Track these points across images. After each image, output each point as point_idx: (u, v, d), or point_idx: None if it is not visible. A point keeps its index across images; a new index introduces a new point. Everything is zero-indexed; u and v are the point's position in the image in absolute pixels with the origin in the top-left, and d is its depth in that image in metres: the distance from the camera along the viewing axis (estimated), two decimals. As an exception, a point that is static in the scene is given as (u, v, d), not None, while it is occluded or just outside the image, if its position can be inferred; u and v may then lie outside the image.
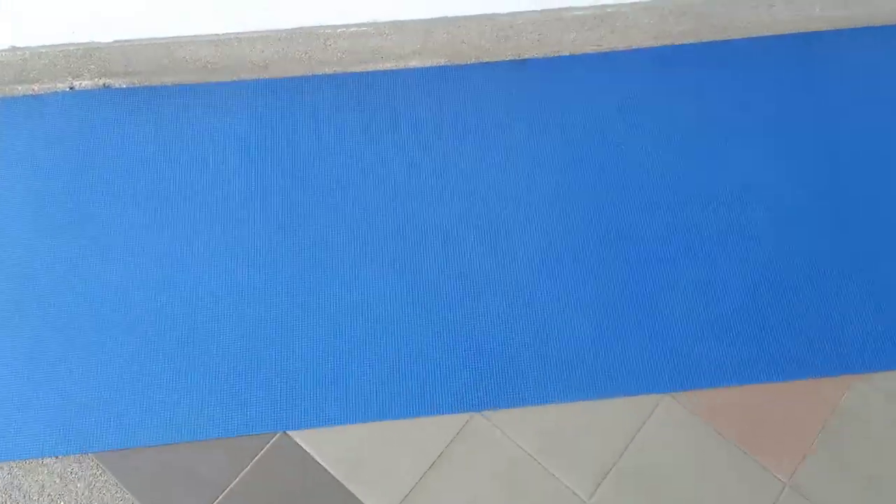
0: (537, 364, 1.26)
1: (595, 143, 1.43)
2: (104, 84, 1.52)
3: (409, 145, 1.44)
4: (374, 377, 1.25)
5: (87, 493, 1.20)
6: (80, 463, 1.22)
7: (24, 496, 1.19)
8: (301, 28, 1.47)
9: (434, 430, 1.23)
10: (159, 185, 1.41)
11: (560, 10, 1.46)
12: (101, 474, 1.21)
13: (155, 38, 1.46)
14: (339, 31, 1.47)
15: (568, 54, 1.52)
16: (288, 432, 1.23)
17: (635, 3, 1.45)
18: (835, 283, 1.31)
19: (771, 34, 1.51)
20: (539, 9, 1.45)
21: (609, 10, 1.46)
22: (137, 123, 1.47)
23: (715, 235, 1.35)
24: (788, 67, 1.50)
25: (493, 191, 1.40)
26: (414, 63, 1.52)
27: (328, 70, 1.52)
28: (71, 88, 1.53)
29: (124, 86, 1.52)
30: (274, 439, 1.23)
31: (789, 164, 1.41)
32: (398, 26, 1.47)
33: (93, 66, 1.51)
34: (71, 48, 1.46)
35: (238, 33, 1.46)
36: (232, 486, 1.19)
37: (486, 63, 1.52)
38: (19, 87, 1.52)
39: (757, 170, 1.40)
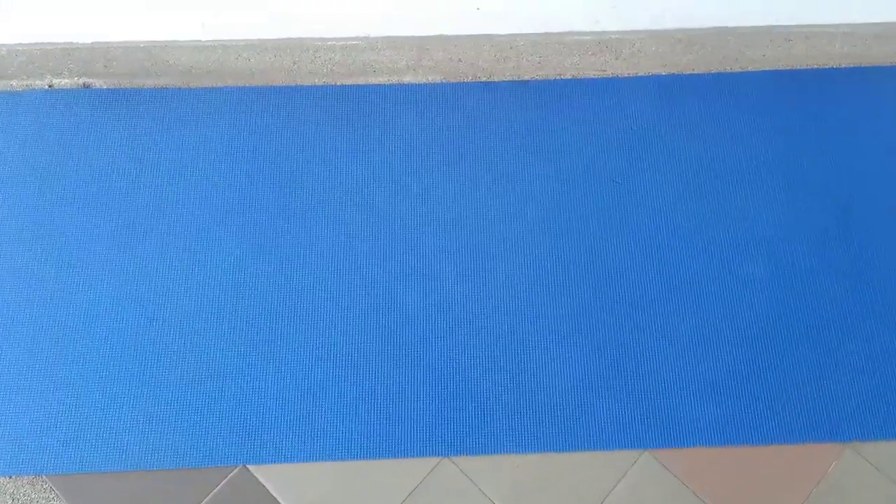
0: (514, 410, 1.21)
1: (592, 177, 1.36)
2: (84, 84, 1.47)
3: (397, 165, 1.38)
4: (341, 414, 1.20)
5: (38, 517, 1.17)
6: (34, 486, 1.18)
7: (-28, 518, 1.16)
8: (289, 39, 1.40)
9: (400, 473, 1.17)
10: (134, 195, 1.35)
11: (561, 34, 1.38)
12: (54, 498, 1.17)
13: (136, 42, 1.40)
14: (329, 43, 1.40)
15: (571, 77, 1.44)
16: (248, 466, 1.19)
17: (641, 31, 1.37)
18: (833, 344, 1.24)
19: (785, 68, 1.43)
20: (540, 32, 1.38)
21: (613, 36, 1.38)
22: (116, 127, 1.41)
23: (711, 285, 1.28)
24: (802, 105, 1.41)
25: (479, 221, 1.33)
26: (408, 79, 1.45)
27: (317, 81, 1.45)
28: (50, 86, 1.47)
29: (105, 86, 1.46)
30: (233, 473, 1.18)
31: (796, 212, 1.33)
32: (391, 42, 1.40)
33: (73, 66, 1.45)
34: (49, 47, 1.40)
35: (223, 41, 1.40)
36: (186, 522, 1.15)
37: (485, 83, 1.44)
38: (-3, 82, 1.47)
39: (760, 217, 1.33)
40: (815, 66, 1.42)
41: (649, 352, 1.24)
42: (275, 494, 1.17)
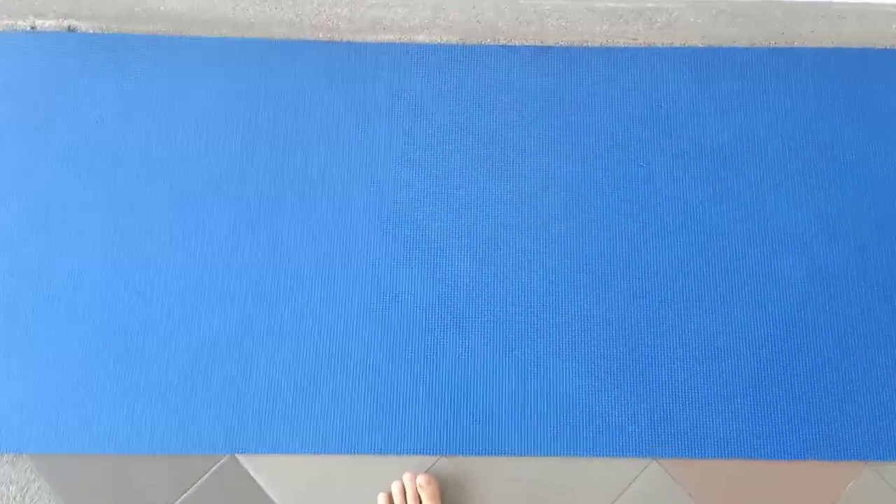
0: (518, 412, 1.14)
1: (614, 158, 1.25)
2: (69, 27, 1.34)
3: (403, 136, 1.27)
4: (335, 406, 1.14)
5: (19, 497, 1.12)
6: (14, 465, 1.14)
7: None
8: (292, -11, 1.27)
9: (395, 470, 1.12)
10: (122, 156, 1.25)
11: (592, -1, 1.25)
12: (34, 479, 1.13)
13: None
14: (335, -4, 1.27)
15: (598, 45, 1.31)
16: (237, 456, 1.14)
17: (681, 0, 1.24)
18: (861, 357, 1.16)
19: (834, 46, 1.29)
20: (568, -5, 1.25)
21: (649, 3, 1.25)
22: (103, 77, 1.30)
23: (733, 286, 1.19)
24: (851, 87, 1.28)
25: (491, 205, 1.23)
26: (421, 38, 1.33)
27: (322, 36, 1.33)
28: (32, 28, 1.35)
29: (91, 30, 1.34)
30: (221, 462, 1.13)
31: (837, 209, 1.22)
32: (404, -2, 1.27)
33: (57, 6, 1.32)
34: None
35: (218, -11, 1.27)
36: (170, 512, 1.11)
37: (503, 46, 1.32)
38: (-26, 21, 1.35)
39: (793, 212, 1.22)
40: (868, 46, 1.29)
41: (664, 356, 1.16)
42: (263, 485, 1.12)
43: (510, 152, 1.26)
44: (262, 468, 1.13)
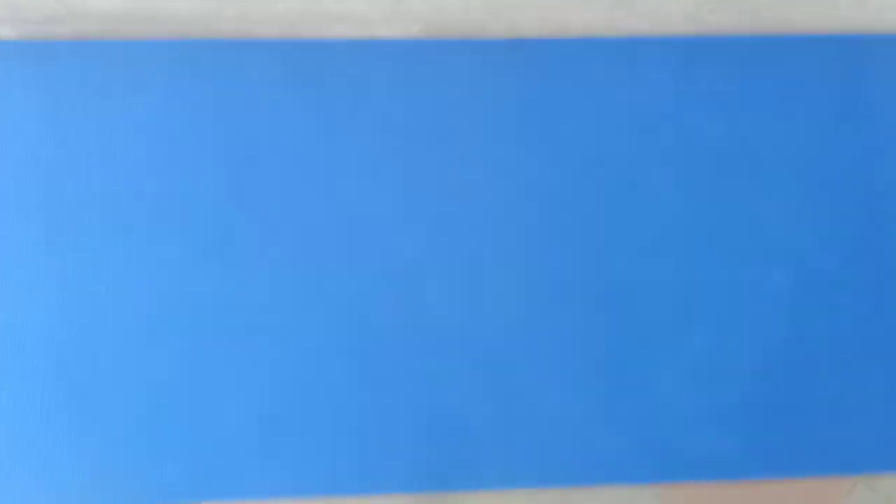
0: (503, 441, 1.09)
1: (597, 162, 1.16)
2: (-17, 31, 1.19)
3: (369, 145, 1.16)
4: (308, 444, 1.08)
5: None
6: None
7: None
8: (234, -17, 1.14)
9: (375, 511, 1.07)
10: (52, 178, 1.13)
11: (568, -12, 1.14)
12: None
13: (42, -16, 1.13)
14: (283, -11, 1.14)
15: (576, 36, 1.20)
16: (205, 504, 1.07)
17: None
18: (859, 368, 1.12)
19: (834, 32, 1.20)
20: (541, -17, 1.13)
21: (632, -9, 1.14)
22: (29, 91, 1.15)
23: (728, 298, 1.13)
24: (855, 79, 1.19)
25: (467, 215, 1.15)
26: (382, 32, 1.20)
27: (271, 32, 1.20)
28: (-59, 33, 1.20)
29: (12, 37, 1.19)
30: (189, 512, 1.07)
31: (835, 215, 1.15)
32: (361, -11, 1.15)
33: (-34, 9, 1.17)
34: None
35: (150, -14, 1.13)
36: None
37: (473, 41, 1.20)
38: None
39: (791, 217, 1.15)
40: (869, 33, 1.19)
41: (655, 375, 1.11)
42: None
43: (485, 159, 1.16)
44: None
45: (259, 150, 1.15)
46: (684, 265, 1.12)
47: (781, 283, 1.12)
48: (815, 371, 1.09)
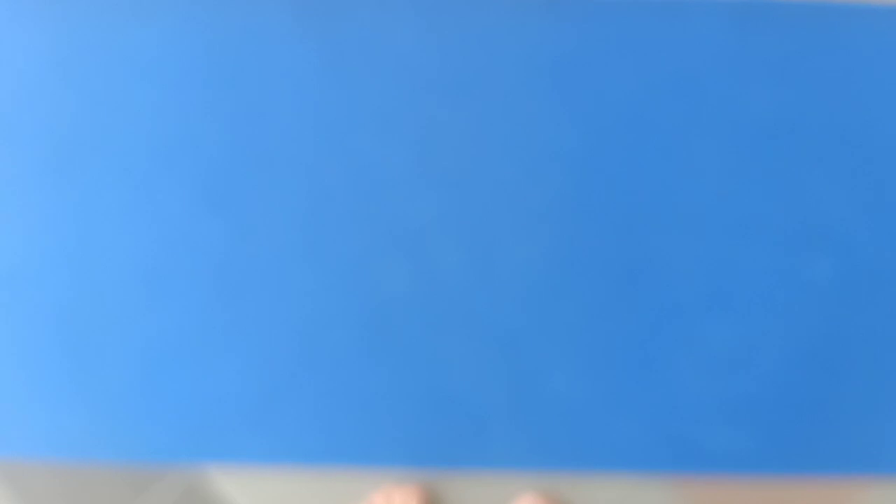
0: (510, 420, 1.04)
1: (631, 133, 1.08)
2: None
3: (384, 102, 1.09)
4: (308, 411, 1.03)
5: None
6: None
7: None
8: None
9: (372, 485, 1.03)
10: (59, 121, 1.08)
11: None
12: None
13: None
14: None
15: (619, -8, 1.10)
16: (200, 466, 1.04)
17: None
18: (889, 368, 1.04)
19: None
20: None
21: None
22: (35, 22, 1.10)
23: (760, 285, 1.05)
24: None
25: (486, 183, 1.08)
26: (409, -23, 1.12)
27: (292, -27, 1.12)
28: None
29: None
30: (182, 473, 1.04)
31: (892, 204, 1.06)
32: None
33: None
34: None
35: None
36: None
37: (506, -8, 1.11)
38: None
39: (843, 202, 1.06)
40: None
41: (674, 362, 1.04)
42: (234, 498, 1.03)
43: (513, 122, 1.08)
44: (228, 479, 1.03)
45: (269, 96, 1.08)
46: (719, 246, 1.04)
47: (824, 274, 1.03)
48: (846, 369, 1.01)
